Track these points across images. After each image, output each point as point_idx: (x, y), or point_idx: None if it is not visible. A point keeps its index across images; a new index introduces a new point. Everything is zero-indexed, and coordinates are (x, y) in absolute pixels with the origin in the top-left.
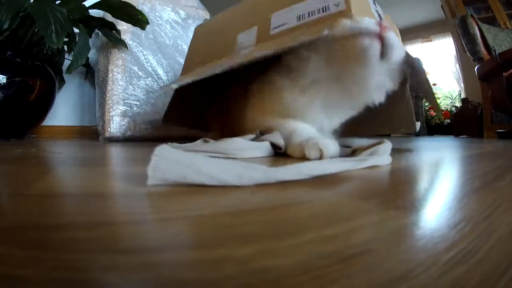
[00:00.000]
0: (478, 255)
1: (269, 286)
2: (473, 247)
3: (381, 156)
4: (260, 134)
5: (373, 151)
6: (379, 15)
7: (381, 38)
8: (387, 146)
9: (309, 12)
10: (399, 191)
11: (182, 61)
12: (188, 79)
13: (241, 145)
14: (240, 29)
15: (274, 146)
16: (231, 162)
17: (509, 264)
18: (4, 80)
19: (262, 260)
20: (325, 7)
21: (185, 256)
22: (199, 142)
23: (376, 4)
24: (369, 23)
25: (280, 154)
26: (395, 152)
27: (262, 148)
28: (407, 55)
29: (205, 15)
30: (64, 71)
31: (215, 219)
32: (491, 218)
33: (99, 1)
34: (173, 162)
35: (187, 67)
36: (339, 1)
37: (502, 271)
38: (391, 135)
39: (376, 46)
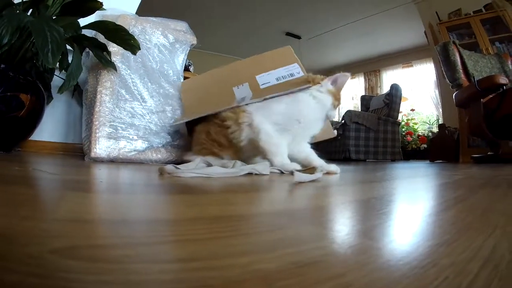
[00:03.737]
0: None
1: (260, 279)
2: (383, 265)
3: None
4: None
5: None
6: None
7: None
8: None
9: (282, 76)
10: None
11: (167, 86)
12: (193, 115)
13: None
14: (232, 84)
15: None
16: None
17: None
18: None
19: (255, 265)
20: (291, 73)
21: (208, 264)
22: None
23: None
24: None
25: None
26: (364, 182)
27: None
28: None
29: (193, 40)
30: (52, 88)
31: (221, 240)
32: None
33: (94, 22)
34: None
35: (189, 109)
36: (299, 71)
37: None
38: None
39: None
